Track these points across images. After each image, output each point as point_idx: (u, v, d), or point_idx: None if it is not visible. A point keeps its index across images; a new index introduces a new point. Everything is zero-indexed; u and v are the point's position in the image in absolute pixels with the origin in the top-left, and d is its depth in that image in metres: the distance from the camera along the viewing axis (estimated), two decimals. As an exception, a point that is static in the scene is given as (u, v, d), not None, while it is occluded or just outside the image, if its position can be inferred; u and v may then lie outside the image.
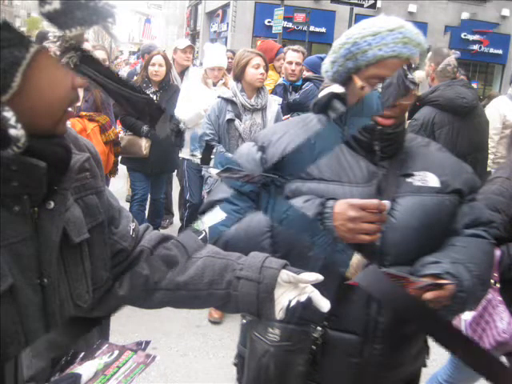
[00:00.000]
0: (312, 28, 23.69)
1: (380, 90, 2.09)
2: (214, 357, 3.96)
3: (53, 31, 1.53)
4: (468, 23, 26.33)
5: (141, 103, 1.58)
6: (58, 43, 1.51)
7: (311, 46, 22.09)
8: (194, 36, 36.84)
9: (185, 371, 1.93)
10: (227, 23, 26.36)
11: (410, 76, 2.18)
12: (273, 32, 21.45)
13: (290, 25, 23.04)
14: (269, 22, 23.00)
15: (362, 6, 17.46)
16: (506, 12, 26.78)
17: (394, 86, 3.79)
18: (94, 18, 1.20)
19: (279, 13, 20.27)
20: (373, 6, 17.22)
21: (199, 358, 3.91)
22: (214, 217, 1.88)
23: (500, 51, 27.58)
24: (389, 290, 1.56)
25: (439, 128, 4.09)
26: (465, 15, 26.42)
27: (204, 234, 1.77)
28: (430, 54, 4.30)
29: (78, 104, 4.43)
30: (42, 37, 1.79)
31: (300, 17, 21.52)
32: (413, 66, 2.08)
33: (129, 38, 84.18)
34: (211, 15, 30.98)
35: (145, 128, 5.59)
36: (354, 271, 3.21)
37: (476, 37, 26.68)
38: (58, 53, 1.54)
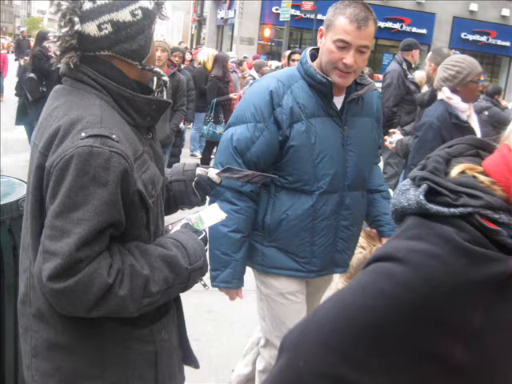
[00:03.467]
0: (320, 16, 23.50)
1: (380, 90, 2.10)
2: (226, 342, 3.97)
3: (53, 31, 1.57)
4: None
5: (140, 103, 1.62)
6: (58, 43, 1.55)
7: (318, 34, 21.90)
8: (200, 22, 36.65)
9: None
10: (234, 10, 26.20)
11: (409, 76, 2.18)
12: (280, 20, 21.36)
13: (297, 13, 22.88)
14: (276, 9, 22.91)
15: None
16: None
17: (394, 86, 3.84)
18: None
19: (287, 0, 20.16)
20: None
21: (211, 342, 3.94)
22: (213, 217, 1.92)
23: (508, 43, 27.40)
24: None
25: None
26: (473, 6, 26.20)
27: (204, 233, 1.80)
28: (430, 53, 4.22)
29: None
30: (42, 37, 1.78)
31: (308, 4, 21.40)
32: (413, 66, 2.08)
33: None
34: (218, 1, 30.77)
35: None
36: (353, 271, 3.24)
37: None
38: (58, 53, 1.57)
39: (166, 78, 1.80)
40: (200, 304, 4.27)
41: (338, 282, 3.59)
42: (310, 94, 2.37)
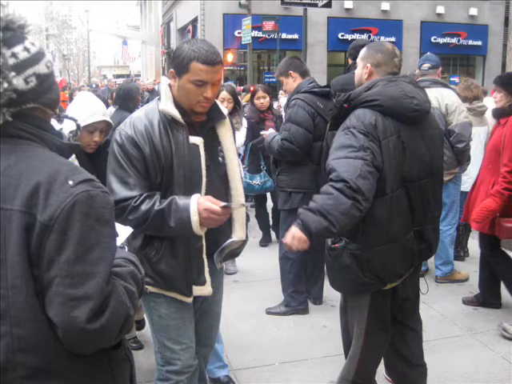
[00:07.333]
0: (284, 35, 23.00)
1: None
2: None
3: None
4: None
5: (66, 150, 1.69)
6: None
7: (285, 53, 21.36)
8: (169, 54, 36.32)
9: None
10: (197, 38, 25.62)
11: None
12: (242, 43, 20.81)
13: (260, 34, 22.35)
14: (239, 32, 22.31)
15: (315, 5, 16.62)
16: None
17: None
18: None
19: (247, 23, 19.62)
20: (327, 5, 16.37)
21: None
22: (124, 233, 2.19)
23: (479, 42, 26.96)
24: None
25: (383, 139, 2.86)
26: (440, 9, 25.77)
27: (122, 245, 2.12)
28: (363, 50, 3.20)
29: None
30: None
31: (269, 25, 20.84)
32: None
33: (114, 62, 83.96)
34: (182, 31, 30.39)
35: None
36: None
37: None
38: None
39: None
40: None
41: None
42: None
